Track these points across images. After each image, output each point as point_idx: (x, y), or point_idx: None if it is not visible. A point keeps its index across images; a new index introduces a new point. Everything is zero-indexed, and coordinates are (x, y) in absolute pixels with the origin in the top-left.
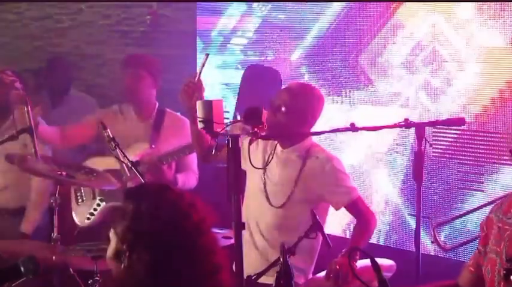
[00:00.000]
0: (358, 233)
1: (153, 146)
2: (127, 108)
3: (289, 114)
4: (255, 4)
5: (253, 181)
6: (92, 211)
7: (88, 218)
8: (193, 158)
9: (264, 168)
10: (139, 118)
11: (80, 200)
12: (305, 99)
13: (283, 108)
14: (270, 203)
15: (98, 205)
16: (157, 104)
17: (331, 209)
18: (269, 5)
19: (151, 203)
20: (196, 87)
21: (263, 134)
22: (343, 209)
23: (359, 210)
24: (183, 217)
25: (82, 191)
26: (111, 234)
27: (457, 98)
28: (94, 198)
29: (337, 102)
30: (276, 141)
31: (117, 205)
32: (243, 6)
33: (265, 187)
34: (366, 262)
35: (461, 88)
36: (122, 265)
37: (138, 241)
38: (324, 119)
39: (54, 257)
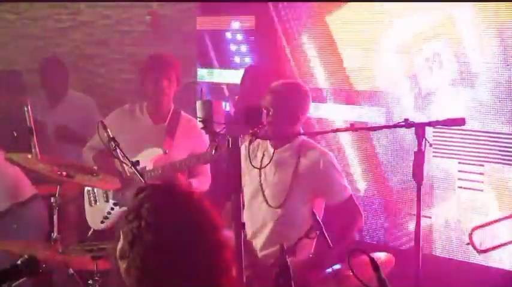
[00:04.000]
0: (342, 232)
1: (167, 151)
2: (140, 109)
3: (278, 116)
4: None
5: (250, 182)
6: (106, 214)
7: (102, 222)
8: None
9: (260, 169)
10: (154, 120)
11: (93, 202)
12: (291, 99)
13: (271, 111)
14: (268, 204)
15: (112, 208)
16: (172, 106)
17: None
18: None
19: (154, 203)
20: None
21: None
22: None
23: (349, 209)
24: (187, 217)
25: (95, 192)
26: (120, 233)
27: (457, 98)
28: (107, 201)
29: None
30: (267, 143)
31: None
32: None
33: (262, 188)
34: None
35: (461, 88)
36: (124, 265)
37: (138, 241)
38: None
39: (54, 257)
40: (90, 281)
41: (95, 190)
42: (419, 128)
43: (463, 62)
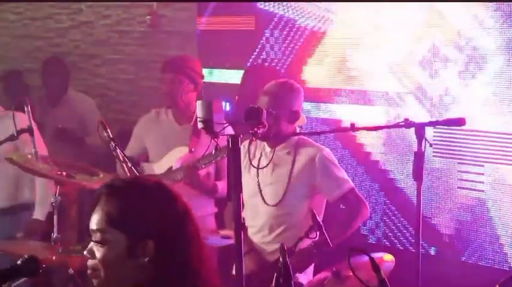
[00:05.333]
0: (344, 223)
1: (193, 150)
2: (165, 112)
3: (277, 116)
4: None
5: (249, 182)
6: None
7: None
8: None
9: (258, 169)
10: (178, 122)
11: None
12: (288, 98)
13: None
14: (266, 203)
15: None
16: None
17: None
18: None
19: (119, 199)
20: None
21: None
22: None
23: (352, 201)
24: (157, 207)
25: None
26: (110, 235)
27: (457, 98)
28: None
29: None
30: (264, 143)
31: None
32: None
33: (259, 187)
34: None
35: (461, 88)
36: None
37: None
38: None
39: (54, 257)
40: None
41: None
42: (419, 128)
43: (463, 61)
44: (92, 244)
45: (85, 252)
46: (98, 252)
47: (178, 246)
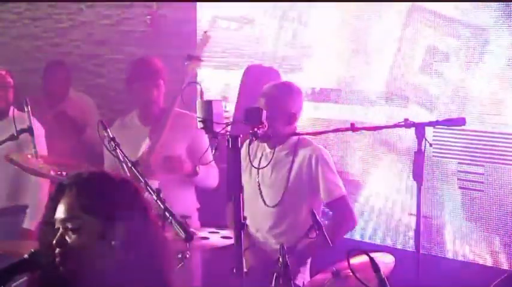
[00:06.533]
0: (329, 232)
1: (151, 138)
2: (130, 118)
3: (273, 117)
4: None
5: (250, 182)
6: None
7: None
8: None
9: (258, 169)
10: (144, 123)
11: None
12: (285, 99)
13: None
14: (265, 204)
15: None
16: (162, 106)
17: None
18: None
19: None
20: None
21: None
22: None
23: (339, 209)
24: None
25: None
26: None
27: (457, 98)
28: None
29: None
30: (265, 144)
31: None
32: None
33: (259, 188)
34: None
35: (460, 88)
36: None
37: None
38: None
39: None
40: None
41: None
42: (419, 128)
43: (463, 61)
44: (61, 232)
45: (54, 242)
46: (70, 239)
47: (146, 230)
